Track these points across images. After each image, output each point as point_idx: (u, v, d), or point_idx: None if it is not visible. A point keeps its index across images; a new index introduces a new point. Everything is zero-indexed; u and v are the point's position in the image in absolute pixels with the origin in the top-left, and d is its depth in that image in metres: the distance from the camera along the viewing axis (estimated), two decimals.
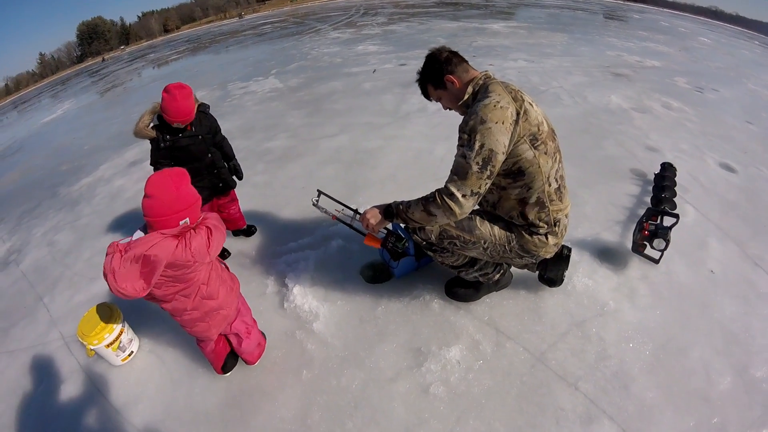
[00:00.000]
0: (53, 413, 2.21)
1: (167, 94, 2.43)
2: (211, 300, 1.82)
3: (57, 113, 13.84)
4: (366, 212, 2.11)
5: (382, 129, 5.27)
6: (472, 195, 1.74)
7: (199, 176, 2.72)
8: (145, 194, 1.53)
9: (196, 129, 2.67)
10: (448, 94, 1.95)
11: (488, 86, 1.79)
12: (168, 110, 2.45)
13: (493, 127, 1.65)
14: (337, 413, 1.98)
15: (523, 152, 1.74)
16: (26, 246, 4.06)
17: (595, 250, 2.82)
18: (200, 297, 1.78)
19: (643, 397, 1.94)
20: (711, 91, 7.00)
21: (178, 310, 1.78)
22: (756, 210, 3.38)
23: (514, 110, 1.70)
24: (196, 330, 1.90)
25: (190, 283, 1.72)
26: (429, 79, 1.98)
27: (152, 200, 1.53)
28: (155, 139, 2.57)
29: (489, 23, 15.16)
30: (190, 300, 1.76)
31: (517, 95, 1.77)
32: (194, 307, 1.79)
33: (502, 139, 1.66)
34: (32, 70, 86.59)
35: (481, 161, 1.67)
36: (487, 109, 1.67)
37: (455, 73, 1.89)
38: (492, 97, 1.71)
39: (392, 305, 2.51)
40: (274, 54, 13.52)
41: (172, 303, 1.74)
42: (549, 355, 2.14)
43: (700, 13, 49.99)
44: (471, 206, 1.77)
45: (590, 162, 4.05)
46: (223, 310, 1.90)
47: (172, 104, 2.44)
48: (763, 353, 2.14)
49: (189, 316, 1.82)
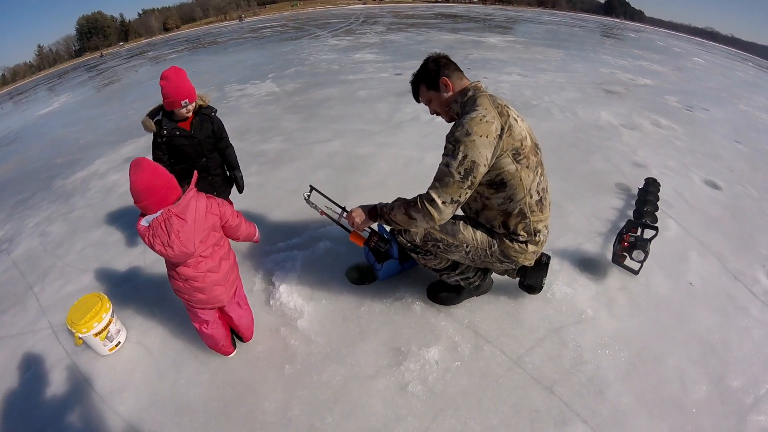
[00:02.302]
0: (39, 400, 2.24)
1: (164, 80, 2.44)
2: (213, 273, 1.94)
3: (53, 106, 13.84)
4: (353, 211, 2.18)
5: (375, 136, 5.33)
6: (452, 203, 1.81)
7: (189, 178, 2.72)
8: (131, 178, 1.64)
9: (195, 131, 2.66)
10: (439, 97, 2.00)
11: (476, 98, 1.85)
12: (167, 93, 2.45)
13: (477, 140, 1.72)
14: (317, 407, 2.03)
15: (506, 165, 1.81)
16: (18, 236, 4.08)
17: (576, 259, 2.89)
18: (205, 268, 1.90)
19: (618, 403, 1.99)
20: (701, 111, 7.14)
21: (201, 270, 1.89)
22: (739, 226, 3.46)
23: (499, 125, 1.76)
24: (208, 296, 1.96)
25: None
26: (423, 78, 2.03)
27: (138, 176, 1.65)
28: (154, 133, 2.60)
29: (486, 37, 15.37)
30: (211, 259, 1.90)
31: (503, 110, 1.82)
32: (211, 268, 1.91)
33: (485, 152, 1.74)
34: (30, 62, 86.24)
35: (463, 171, 1.75)
36: (473, 122, 1.73)
37: (450, 78, 1.95)
38: (479, 110, 1.77)
39: (375, 306, 2.56)
40: (273, 58, 13.60)
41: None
42: (526, 358, 2.20)
43: (696, 34, 50.75)
44: (450, 213, 1.85)
45: (577, 175, 4.13)
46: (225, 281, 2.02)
47: (169, 86, 2.44)
48: (740, 364, 2.19)
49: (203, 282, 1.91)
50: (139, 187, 1.63)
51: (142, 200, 1.66)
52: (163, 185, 1.68)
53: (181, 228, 1.69)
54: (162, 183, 1.68)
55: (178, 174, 2.48)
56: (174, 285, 1.92)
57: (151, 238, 1.68)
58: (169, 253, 1.71)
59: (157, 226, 1.67)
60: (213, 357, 2.31)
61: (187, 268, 1.84)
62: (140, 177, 1.63)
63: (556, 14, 33.79)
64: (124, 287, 3.00)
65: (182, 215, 1.71)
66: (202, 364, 2.29)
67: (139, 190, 1.64)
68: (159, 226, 1.67)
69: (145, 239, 1.69)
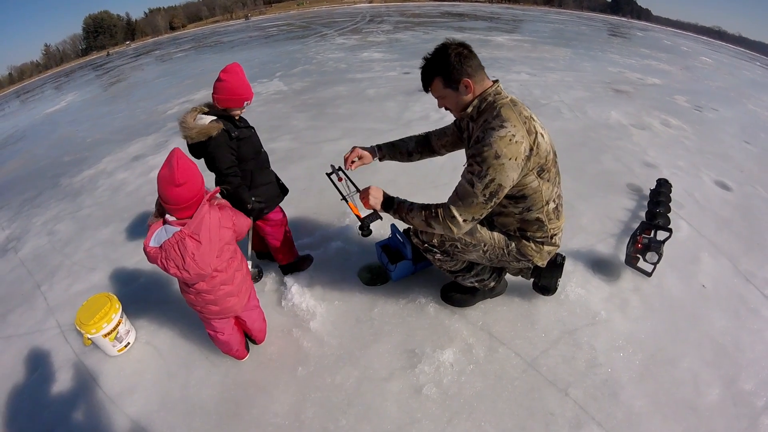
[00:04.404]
0: (47, 400, 2.23)
1: (228, 74, 2.14)
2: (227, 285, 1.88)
3: (60, 104, 13.87)
4: (372, 189, 2.05)
5: (385, 135, 5.30)
6: (473, 220, 1.80)
7: (265, 171, 2.52)
8: (178, 183, 1.52)
9: (243, 122, 2.39)
10: (456, 97, 1.80)
11: (500, 110, 1.71)
12: (232, 90, 2.15)
13: (507, 163, 1.64)
14: (331, 410, 2.01)
15: (530, 182, 1.78)
16: (26, 234, 4.08)
17: (589, 261, 2.87)
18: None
19: (632, 405, 1.97)
20: (710, 110, 7.09)
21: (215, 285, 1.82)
22: (750, 227, 3.44)
23: (528, 145, 1.67)
24: (221, 307, 1.91)
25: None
26: (441, 72, 1.77)
27: (188, 186, 1.55)
28: (221, 133, 2.13)
29: (493, 36, 15.33)
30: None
31: (531, 125, 1.70)
32: (225, 281, 1.85)
33: (512, 174, 1.68)
34: (36, 61, 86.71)
35: (489, 194, 1.71)
36: (502, 143, 1.63)
37: (473, 78, 1.74)
38: (508, 128, 1.65)
39: (388, 307, 2.55)
40: (280, 57, 13.60)
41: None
42: (540, 360, 2.18)
43: (704, 33, 50.53)
44: (469, 228, 1.83)
45: (588, 175, 4.11)
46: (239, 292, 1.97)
47: (234, 83, 2.14)
48: (752, 367, 2.18)
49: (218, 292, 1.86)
50: (175, 193, 1.54)
51: (180, 202, 1.57)
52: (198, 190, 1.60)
53: (196, 250, 1.59)
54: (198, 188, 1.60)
55: (253, 173, 2.38)
56: (186, 298, 1.88)
57: (164, 261, 1.59)
58: (185, 276, 1.64)
59: (170, 249, 1.57)
60: (224, 358, 2.29)
61: (201, 283, 1.78)
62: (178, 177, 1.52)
63: (563, 13, 33.72)
64: (132, 286, 3.00)
65: (196, 236, 1.59)
66: (213, 365, 2.28)
67: (175, 195, 1.55)
68: (172, 249, 1.57)
69: (158, 262, 1.60)
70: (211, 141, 2.11)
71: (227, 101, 2.17)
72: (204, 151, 2.16)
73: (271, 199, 2.52)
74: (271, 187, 2.54)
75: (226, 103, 2.18)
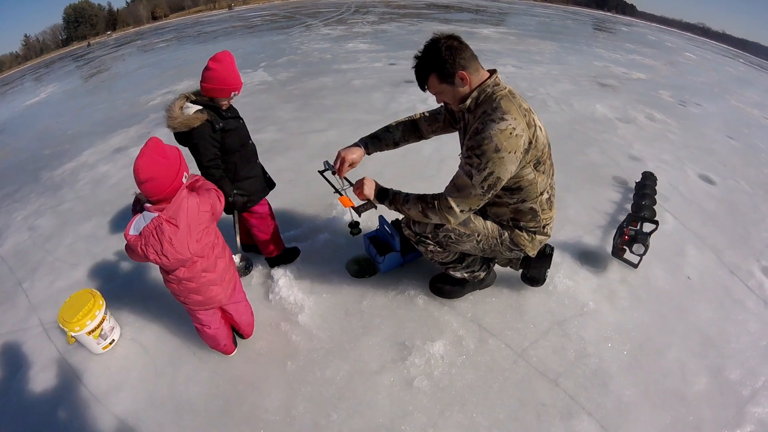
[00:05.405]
0: (32, 401, 2.16)
1: (216, 63, 2.05)
2: (209, 273, 1.85)
3: (40, 96, 13.49)
4: (365, 181, 2.03)
5: (371, 126, 5.13)
6: (470, 211, 1.82)
7: (251, 163, 2.46)
8: (141, 181, 1.51)
9: (232, 112, 2.30)
10: (453, 91, 1.76)
11: (499, 101, 1.69)
12: (220, 80, 2.06)
13: (506, 156, 1.64)
14: (322, 404, 2.00)
15: (526, 174, 1.79)
16: (6, 230, 3.97)
17: (577, 252, 2.90)
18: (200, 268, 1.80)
19: (621, 395, 2.00)
20: (694, 105, 7.19)
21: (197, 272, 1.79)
22: (733, 221, 3.51)
23: (527, 138, 1.67)
24: (204, 297, 1.88)
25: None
26: (436, 68, 1.73)
27: (153, 182, 1.53)
28: (204, 124, 2.07)
29: (479, 28, 15.31)
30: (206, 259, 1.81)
31: (530, 118, 1.70)
32: (206, 268, 1.81)
33: (511, 167, 1.69)
34: (16, 52, 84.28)
35: (487, 186, 1.71)
36: (503, 136, 1.62)
37: (468, 69, 1.71)
38: (508, 120, 1.63)
39: (377, 299, 2.54)
40: (264, 47, 13.39)
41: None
42: (530, 351, 2.20)
43: (688, 29, 51.18)
44: (465, 217, 1.86)
45: (574, 167, 4.14)
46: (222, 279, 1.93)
47: (222, 72, 2.06)
48: (738, 357, 2.23)
49: (200, 280, 1.83)
50: (146, 189, 1.54)
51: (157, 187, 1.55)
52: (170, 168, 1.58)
53: (173, 234, 1.58)
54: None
55: (237, 165, 2.32)
56: (169, 288, 1.84)
57: (144, 248, 1.58)
58: (164, 262, 1.63)
59: (148, 235, 1.57)
60: (212, 354, 2.26)
61: (181, 269, 1.76)
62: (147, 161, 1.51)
63: (549, 6, 33.79)
64: (116, 282, 2.93)
65: (174, 220, 1.58)
66: (200, 362, 2.24)
67: (147, 191, 1.55)
68: (151, 235, 1.57)
69: (138, 249, 1.59)
70: (193, 132, 2.05)
71: (213, 90, 2.10)
72: (188, 141, 2.11)
73: (255, 193, 2.47)
74: (257, 181, 2.48)
75: (212, 92, 2.11)
